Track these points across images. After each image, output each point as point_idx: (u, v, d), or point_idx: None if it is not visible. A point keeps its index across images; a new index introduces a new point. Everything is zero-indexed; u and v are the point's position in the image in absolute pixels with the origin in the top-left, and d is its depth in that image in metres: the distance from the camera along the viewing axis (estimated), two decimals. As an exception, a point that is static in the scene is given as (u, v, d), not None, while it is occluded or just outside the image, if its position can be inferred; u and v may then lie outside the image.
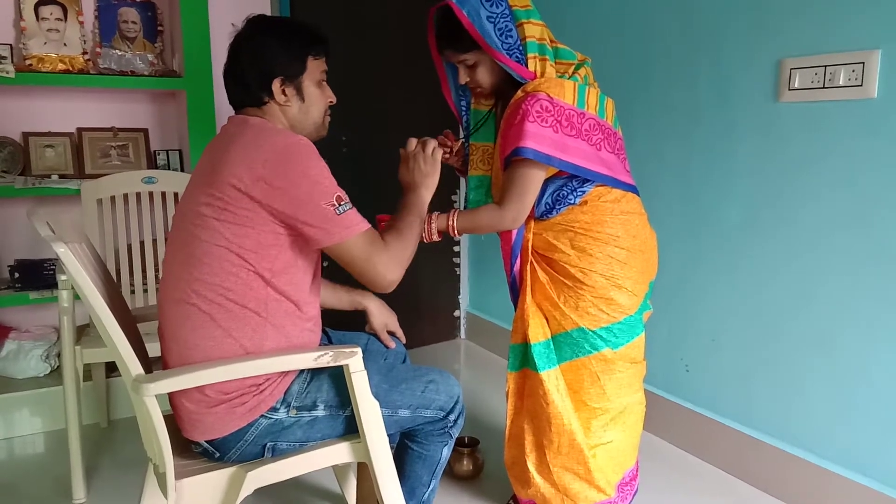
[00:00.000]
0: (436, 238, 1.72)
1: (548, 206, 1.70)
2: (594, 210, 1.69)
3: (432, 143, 1.61)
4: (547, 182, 1.69)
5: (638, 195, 1.78)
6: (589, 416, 1.77)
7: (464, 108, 1.90)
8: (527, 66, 1.62)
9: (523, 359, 1.80)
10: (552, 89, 1.59)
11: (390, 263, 1.41)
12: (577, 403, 1.76)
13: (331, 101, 1.54)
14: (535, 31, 1.62)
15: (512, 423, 1.86)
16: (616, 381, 1.76)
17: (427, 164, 1.60)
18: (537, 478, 1.81)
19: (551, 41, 1.68)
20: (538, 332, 1.74)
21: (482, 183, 1.87)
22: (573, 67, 1.67)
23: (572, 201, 1.68)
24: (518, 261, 1.78)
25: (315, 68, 1.48)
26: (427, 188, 1.59)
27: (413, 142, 1.64)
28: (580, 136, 1.63)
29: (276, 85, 1.43)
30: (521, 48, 1.61)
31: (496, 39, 1.60)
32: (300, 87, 1.46)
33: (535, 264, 1.76)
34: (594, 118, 1.66)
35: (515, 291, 1.82)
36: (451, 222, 1.70)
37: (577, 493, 1.78)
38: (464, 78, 1.71)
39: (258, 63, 1.42)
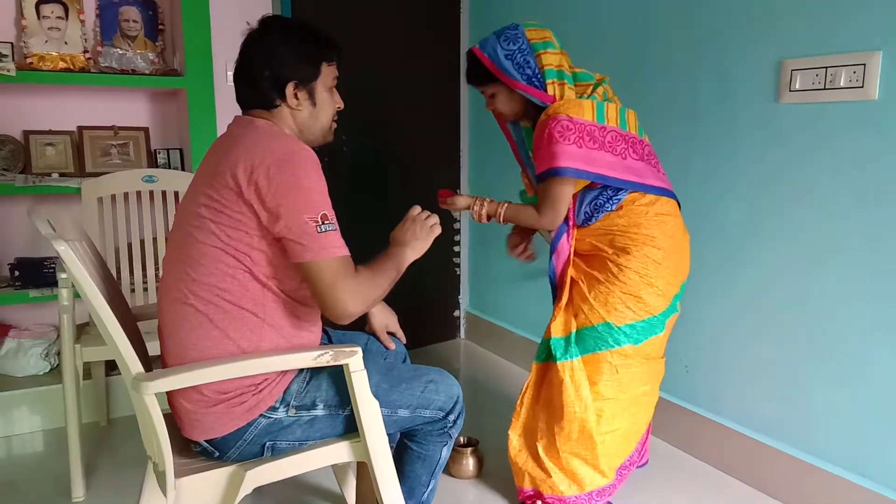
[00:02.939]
0: (484, 220, 1.95)
1: (587, 215, 1.88)
2: (629, 213, 1.84)
3: (435, 219, 1.60)
4: (584, 193, 1.86)
5: (673, 198, 1.90)
6: (603, 406, 1.88)
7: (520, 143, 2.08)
8: (546, 90, 1.81)
9: (546, 351, 1.94)
10: (570, 110, 1.77)
11: (356, 295, 1.34)
12: (594, 393, 1.87)
13: (339, 107, 1.53)
14: (552, 59, 1.83)
15: (526, 413, 1.98)
16: (631, 374, 1.89)
17: (423, 231, 1.57)
18: (547, 462, 1.92)
19: (570, 67, 1.88)
20: (559, 329, 1.91)
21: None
22: (591, 87, 1.86)
23: (609, 208, 1.85)
24: (561, 257, 1.94)
25: (328, 74, 1.47)
26: (413, 250, 1.55)
27: (417, 209, 1.62)
28: (603, 148, 1.79)
29: (289, 89, 1.42)
30: (540, 76, 1.82)
31: (515, 73, 1.82)
32: (313, 92, 1.45)
33: (573, 265, 1.93)
34: (615, 130, 1.82)
35: (554, 290, 1.99)
36: (500, 210, 1.92)
37: (583, 479, 1.91)
38: (488, 106, 1.97)
39: (273, 66, 1.41)
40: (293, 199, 1.29)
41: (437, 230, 1.60)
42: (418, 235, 1.56)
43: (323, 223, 1.30)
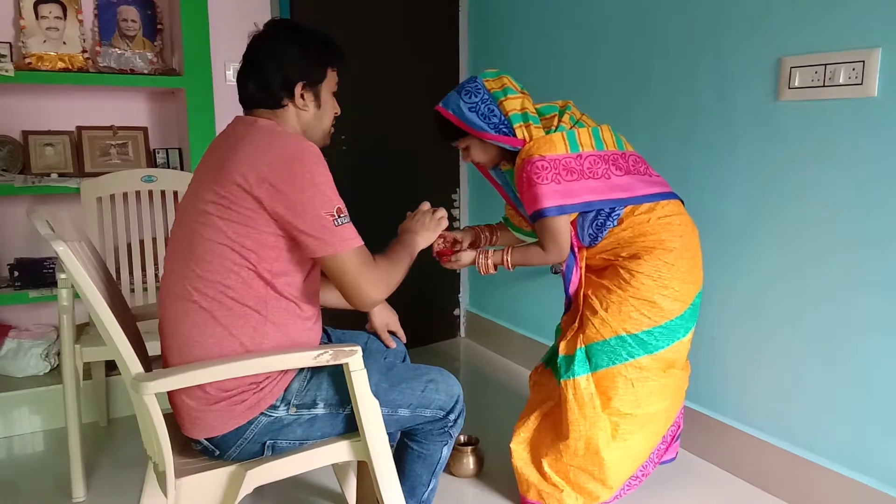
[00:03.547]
0: (492, 271, 1.96)
1: (592, 236, 1.89)
2: (632, 225, 1.85)
3: (442, 212, 1.72)
4: (582, 218, 1.88)
5: (673, 199, 1.92)
6: (619, 421, 1.88)
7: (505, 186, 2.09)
8: (515, 135, 1.84)
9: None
10: (542, 149, 1.80)
11: (378, 283, 1.42)
12: (610, 409, 1.87)
13: (337, 113, 1.57)
14: (514, 104, 1.86)
15: (534, 427, 1.97)
16: (648, 388, 1.88)
17: (432, 222, 1.69)
18: (554, 477, 1.91)
19: (533, 105, 1.90)
20: (563, 347, 1.92)
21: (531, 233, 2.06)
22: (557, 118, 1.88)
23: (612, 225, 1.87)
24: (574, 285, 1.96)
25: (332, 79, 1.53)
26: (423, 238, 1.65)
27: (427, 204, 1.74)
28: (583, 176, 1.82)
29: (297, 89, 1.45)
30: (506, 122, 1.85)
31: (481, 124, 1.86)
32: (318, 93, 1.50)
33: (586, 282, 1.95)
34: (592, 154, 1.84)
35: (568, 308, 2.02)
36: (506, 257, 1.94)
37: (591, 492, 1.91)
38: (464, 158, 2.00)
39: (284, 66, 1.44)
40: (309, 195, 1.32)
41: (445, 223, 1.71)
42: (427, 226, 1.67)
43: (339, 216, 1.35)
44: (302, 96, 1.46)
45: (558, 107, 1.92)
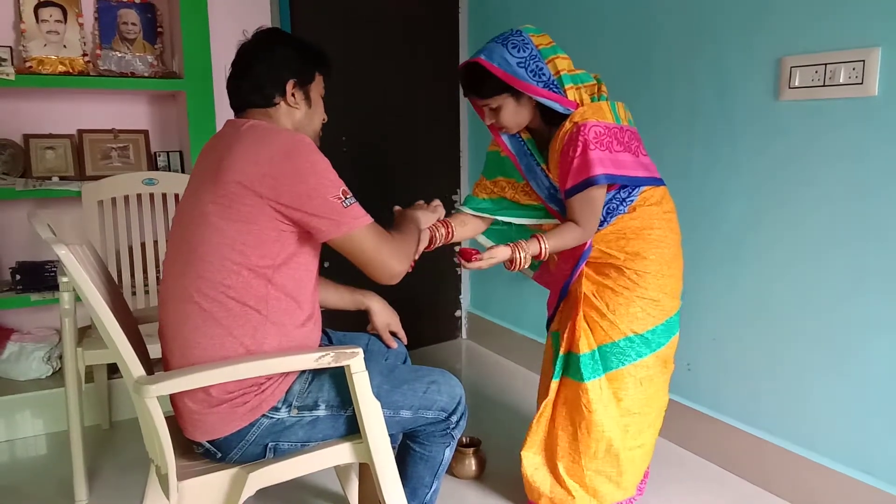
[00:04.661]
0: (528, 264, 1.77)
1: (599, 220, 1.80)
2: (642, 215, 1.80)
3: (437, 202, 1.82)
4: None
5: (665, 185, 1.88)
6: (629, 422, 1.86)
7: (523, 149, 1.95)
8: (566, 96, 1.73)
9: (564, 368, 1.89)
10: (597, 114, 1.71)
11: (397, 254, 1.45)
12: (621, 410, 1.85)
13: (324, 120, 1.61)
14: (564, 64, 1.75)
15: (544, 432, 1.93)
16: (655, 386, 1.87)
17: (428, 209, 1.80)
18: (569, 481, 1.88)
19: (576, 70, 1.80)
20: (585, 344, 1.83)
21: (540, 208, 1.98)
22: (596, 87, 1.79)
23: (622, 211, 1.80)
24: (580, 269, 1.86)
25: (319, 83, 1.56)
26: (425, 218, 1.75)
27: (422, 202, 1.84)
28: (626, 149, 1.76)
29: (289, 86, 1.48)
30: (556, 82, 1.73)
31: (531, 80, 1.71)
32: (308, 93, 1.53)
33: (584, 277, 1.86)
34: (629, 128, 1.79)
35: (560, 300, 1.93)
36: (542, 245, 1.75)
37: (605, 496, 1.89)
38: (489, 120, 1.83)
39: (275, 64, 1.48)
40: (314, 183, 1.34)
41: (441, 210, 1.82)
42: (425, 211, 1.79)
43: (346, 198, 1.38)
44: (293, 95, 1.49)
45: (593, 78, 1.81)
